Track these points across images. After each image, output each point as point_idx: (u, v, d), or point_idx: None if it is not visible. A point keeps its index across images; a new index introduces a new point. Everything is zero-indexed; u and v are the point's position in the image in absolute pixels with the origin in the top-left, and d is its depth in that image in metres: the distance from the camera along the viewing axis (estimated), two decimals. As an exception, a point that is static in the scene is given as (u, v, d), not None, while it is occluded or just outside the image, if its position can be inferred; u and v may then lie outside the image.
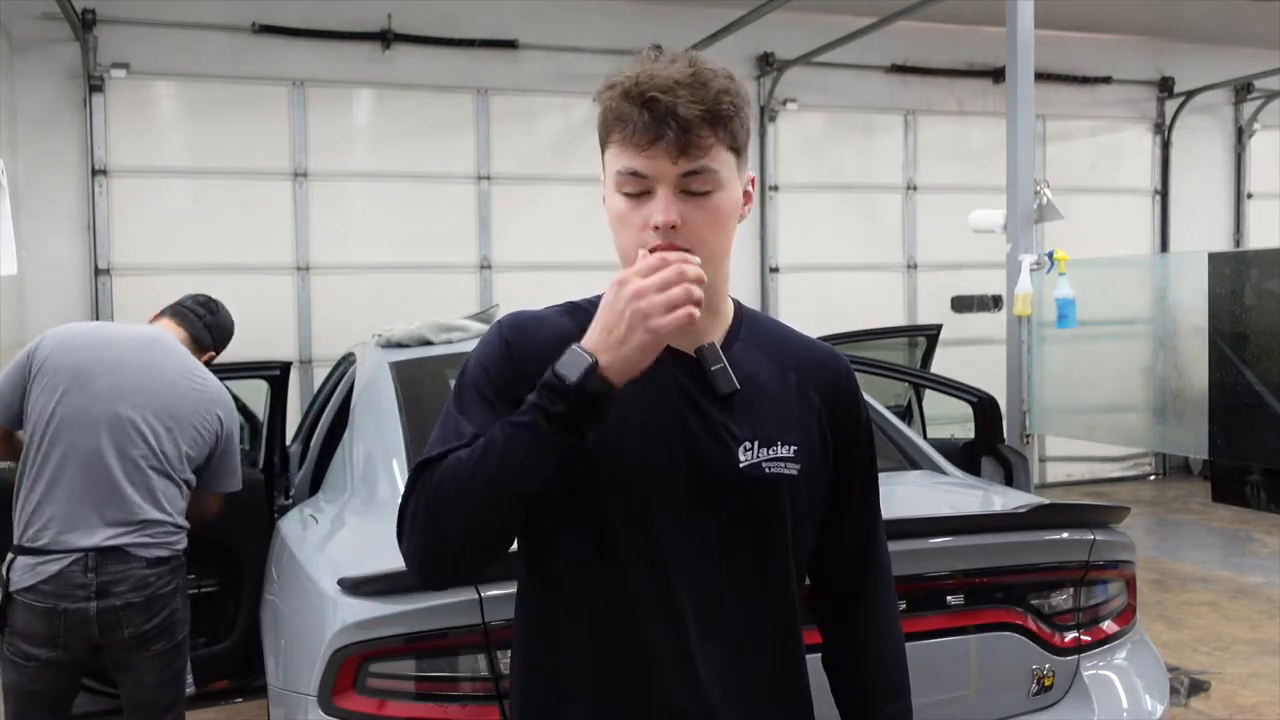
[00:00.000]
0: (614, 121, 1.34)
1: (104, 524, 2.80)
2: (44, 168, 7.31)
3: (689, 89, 1.31)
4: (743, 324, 1.50)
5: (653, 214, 1.33)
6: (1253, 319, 4.76)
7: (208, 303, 3.26)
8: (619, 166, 1.35)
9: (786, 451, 1.42)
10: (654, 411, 1.38)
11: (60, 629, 2.76)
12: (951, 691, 2.40)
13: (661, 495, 1.37)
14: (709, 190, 1.35)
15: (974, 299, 9.50)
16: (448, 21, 8.16)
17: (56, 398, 2.85)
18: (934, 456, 3.29)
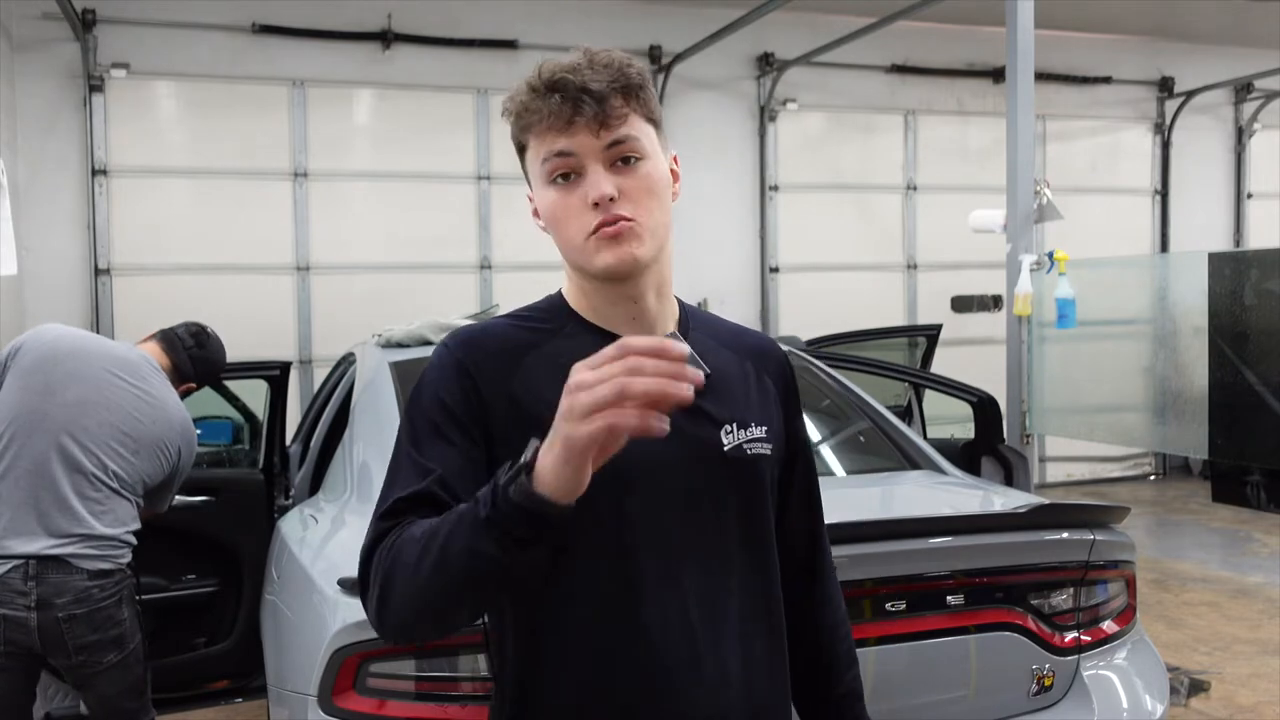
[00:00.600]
0: (528, 117, 1.34)
1: (46, 533, 2.76)
2: (44, 168, 7.31)
3: (590, 68, 1.33)
4: (689, 316, 1.50)
5: (588, 191, 1.33)
6: (1253, 319, 4.76)
7: (198, 334, 3.23)
8: (543, 154, 1.34)
9: (760, 433, 1.44)
10: None
11: (1, 636, 2.73)
12: (951, 691, 2.40)
13: (655, 483, 1.35)
14: (637, 158, 1.36)
15: (974, 299, 9.52)
16: (448, 21, 8.16)
17: (21, 400, 2.83)
18: (934, 456, 3.29)
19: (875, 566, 2.30)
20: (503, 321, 1.45)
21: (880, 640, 2.33)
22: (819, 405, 3.68)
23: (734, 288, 9.00)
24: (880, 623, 2.31)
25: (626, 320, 1.41)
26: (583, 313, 1.43)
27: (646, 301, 1.41)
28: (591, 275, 1.38)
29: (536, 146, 1.35)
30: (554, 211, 1.36)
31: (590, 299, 1.42)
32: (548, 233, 1.41)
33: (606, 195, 1.32)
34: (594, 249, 1.34)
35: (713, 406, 1.41)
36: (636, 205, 1.34)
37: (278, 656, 2.51)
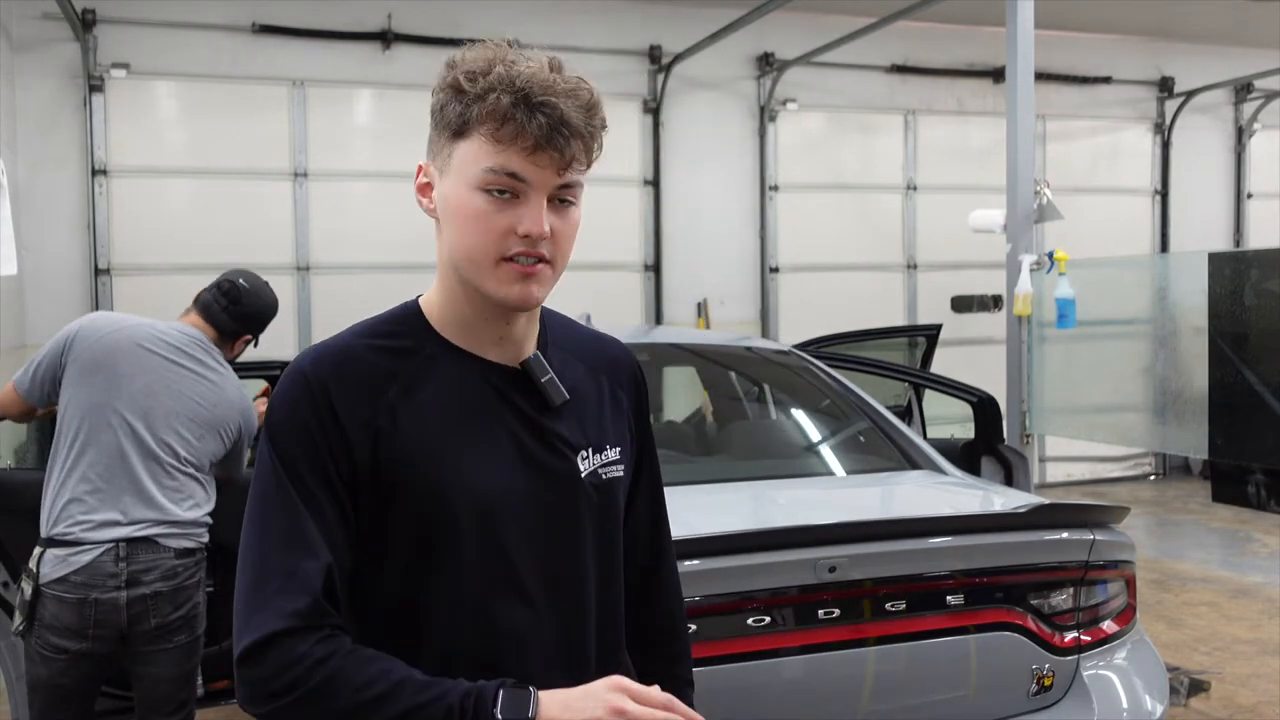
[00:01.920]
0: (493, 117, 1.25)
1: (130, 521, 2.88)
2: (44, 168, 7.31)
3: (574, 98, 1.27)
4: (548, 330, 1.45)
5: (522, 220, 1.26)
6: (1253, 319, 4.75)
7: (230, 290, 3.25)
8: (491, 164, 1.26)
9: (614, 455, 1.43)
10: (492, 435, 1.33)
11: (90, 619, 2.82)
12: (951, 691, 2.40)
13: (514, 516, 1.32)
14: (572, 203, 1.32)
15: (974, 299, 9.50)
16: (448, 21, 8.15)
17: (88, 397, 2.92)
18: (934, 456, 3.29)
19: (875, 566, 2.30)
20: (358, 342, 1.37)
21: (880, 640, 2.33)
22: (819, 405, 3.68)
23: (734, 288, 9.00)
24: (880, 623, 2.31)
25: (493, 341, 1.36)
26: (444, 328, 1.37)
27: (517, 326, 1.37)
28: (482, 296, 1.31)
29: (485, 149, 1.26)
30: (474, 220, 1.28)
31: (456, 311, 1.36)
32: (434, 219, 1.35)
33: (544, 234, 1.27)
34: (502, 277, 1.29)
35: (569, 431, 1.39)
36: (557, 249, 1.31)
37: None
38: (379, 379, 1.31)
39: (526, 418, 1.36)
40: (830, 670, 2.30)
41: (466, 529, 1.29)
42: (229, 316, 3.22)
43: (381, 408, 1.29)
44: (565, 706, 1.18)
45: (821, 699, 2.30)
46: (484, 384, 1.34)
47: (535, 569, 1.34)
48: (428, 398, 1.32)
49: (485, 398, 1.33)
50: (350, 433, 1.27)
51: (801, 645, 2.28)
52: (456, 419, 1.32)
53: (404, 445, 1.28)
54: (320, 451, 1.26)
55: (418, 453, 1.28)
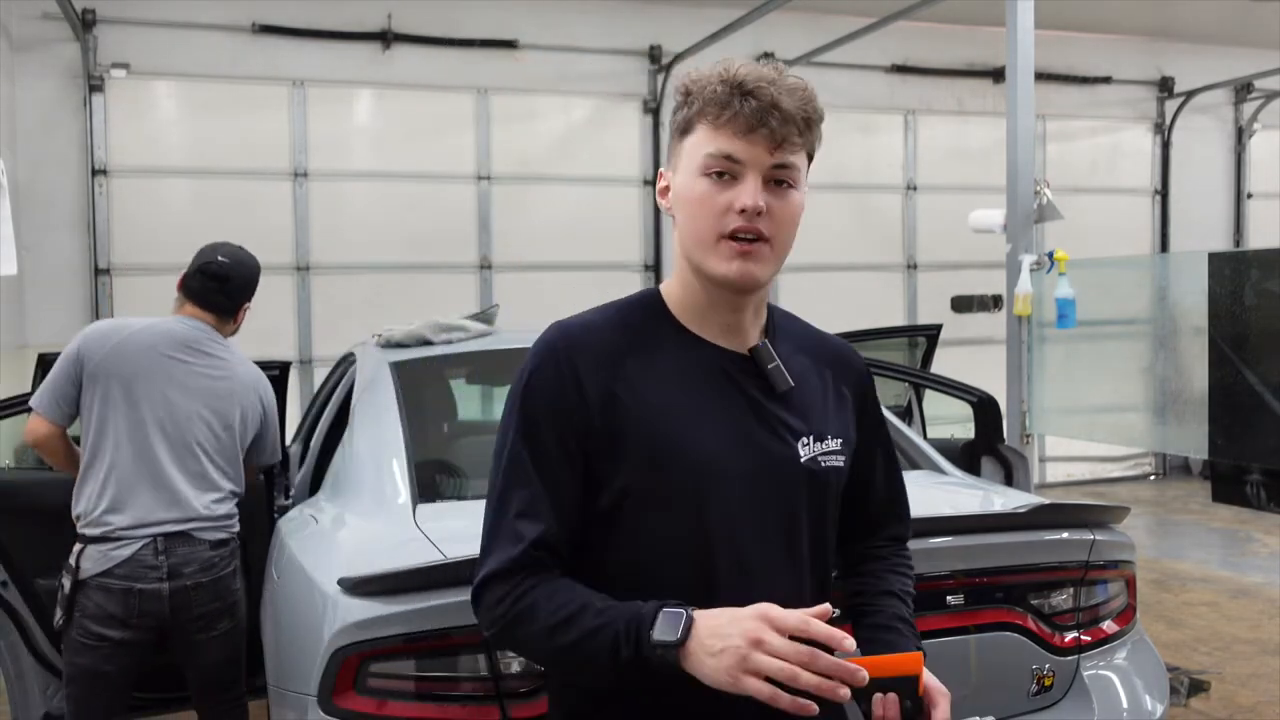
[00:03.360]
0: (710, 106, 1.37)
1: (165, 517, 2.97)
2: (44, 168, 7.32)
3: (787, 89, 1.39)
4: (776, 324, 1.54)
5: (740, 197, 1.36)
6: (1253, 319, 4.75)
7: (216, 272, 3.21)
8: (710, 149, 1.37)
9: (835, 445, 1.49)
10: (718, 411, 1.42)
11: (135, 609, 2.92)
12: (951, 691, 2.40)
13: (730, 492, 1.39)
14: (791, 186, 1.41)
15: (974, 299, 9.48)
16: (448, 21, 8.16)
17: (113, 403, 3.00)
18: (934, 456, 3.29)
19: (875, 566, 2.29)
20: (602, 319, 1.47)
21: (880, 640, 2.32)
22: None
23: (734, 288, 8.99)
24: (880, 623, 2.30)
25: (721, 329, 1.46)
26: (678, 313, 1.47)
27: (744, 314, 1.46)
28: (706, 276, 1.41)
29: (706, 136, 1.38)
30: (698, 201, 1.39)
31: (691, 297, 1.46)
32: (671, 215, 1.46)
33: (757, 206, 1.36)
34: (722, 253, 1.38)
35: (792, 417, 1.45)
36: (776, 228, 1.39)
37: (278, 656, 2.50)
38: (620, 352, 1.42)
39: (753, 401, 1.44)
40: (830, 670, 2.30)
41: (677, 489, 1.37)
42: (224, 296, 3.22)
43: (620, 376, 1.40)
44: (712, 632, 1.24)
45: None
46: (714, 366, 1.43)
47: (748, 539, 1.40)
48: (661, 371, 1.42)
49: (714, 379, 1.42)
50: (590, 399, 1.38)
51: (801, 645, 2.27)
52: (685, 393, 1.41)
53: (635, 410, 1.39)
54: (561, 417, 1.38)
55: (645, 416, 1.39)
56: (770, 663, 1.20)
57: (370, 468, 2.89)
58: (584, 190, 8.41)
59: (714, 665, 1.22)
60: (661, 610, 1.27)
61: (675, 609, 1.27)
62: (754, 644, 1.21)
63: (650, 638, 1.26)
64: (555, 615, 1.32)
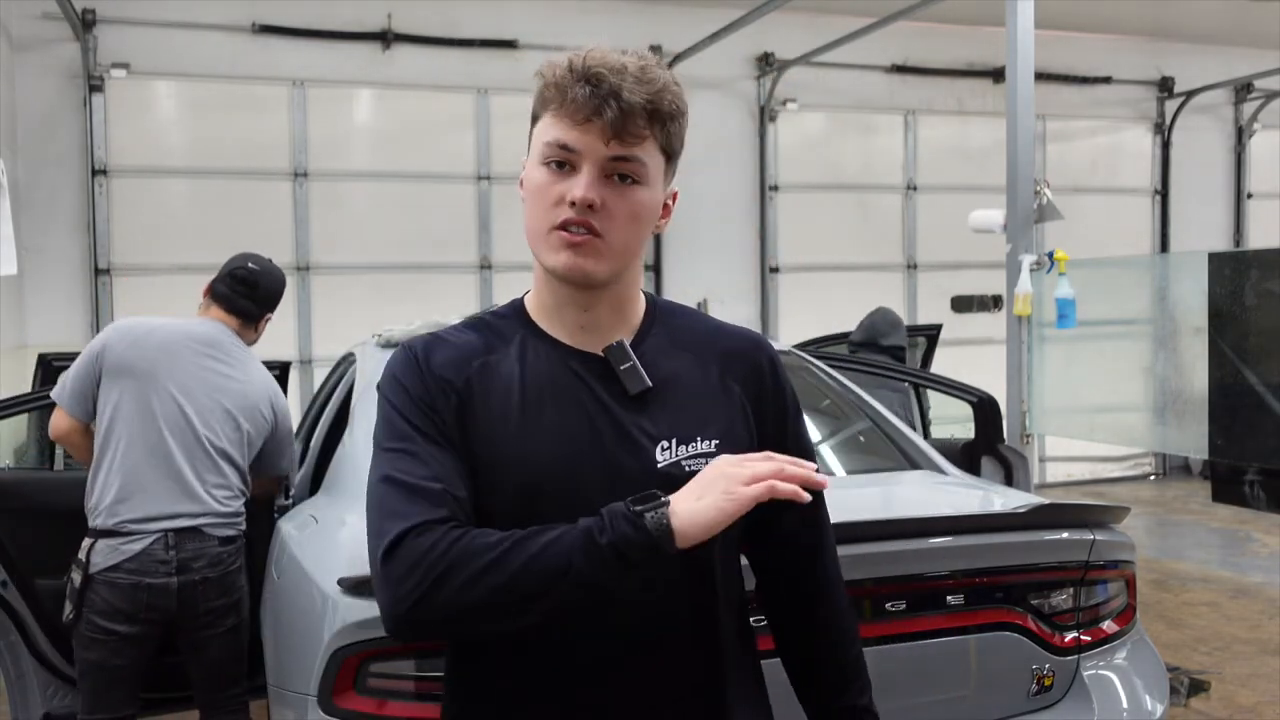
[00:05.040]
0: (552, 92, 1.33)
1: (177, 511, 3.02)
2: (44, 168, 7.32)
3: (636, 77, 1.31)
4: (655, 320, 1.46)
5: (572, 188, 1.32)
6: (1253, 319, 4.75)
7: (246, 278, 3.35)
8: (548, 137, 1.34)
9: (708, 446, 1.37)
10: (564, 417, 1.35)
11: (143, 604, 2.97)
12: (951, 691, 2.40)
13: (578, 503, 1.28)
14: (634, 181, 1.34)
15: (974, 299, 9.51)
16: (448, 21, 8.16)
17: (127, 397, 3.05)
18: (934, 456, 3.28)
19: (875, 566, 2.30)
20: (457, 327, 1.46)
21: (880, 640, 2.32)
22: (819, 405, 3.68)
23: (734, 288, 9.00)
24: (880, 623, 2.31)
25: (575, 327, 1.40)
26: (535, 314, 1.44)
27: (598, 313, 1.40)
28: (543, 265, 1.38)
29: (547, 124, 1.35)
30: (536, 191, 1.36)
31: (544, 297, 1.43)
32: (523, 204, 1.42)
33: (585, 200, 1.31)
34: (553, 244, 1.34)
35: (650, 420, 1.36)
36: (612, 224, 1.33)
37: (278, 656, 2.50)
38: (468, 354, 1.39)
39: (602, 404, 1.36)
40: (830, 670, 2.30)
41: (511, 500, 1.32)
42: (251, 303, 3.34)
43: (469, 377, 1.36)
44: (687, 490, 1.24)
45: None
46: (564, 368, 1.38)
47: None
48: (507, 374, 1.38)
49: (564, 381, 1.37)
50: (448, 395, 1.35)
51: (801, 645, 2.28)
52: (530, 397, 1.36)
53: (476, 413, 1.35)
54: (421, 403, 1.34)
55: (484, 421, 1.35)
56: (748, 469, 1.24)
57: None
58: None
59: (706, 504, 1.22)
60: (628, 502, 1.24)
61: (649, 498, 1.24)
62: (735, 465, 1.25)
63: (631, 509, 1.21)
64: (502, 544, 1.22)
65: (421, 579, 1.22)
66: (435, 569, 1.22)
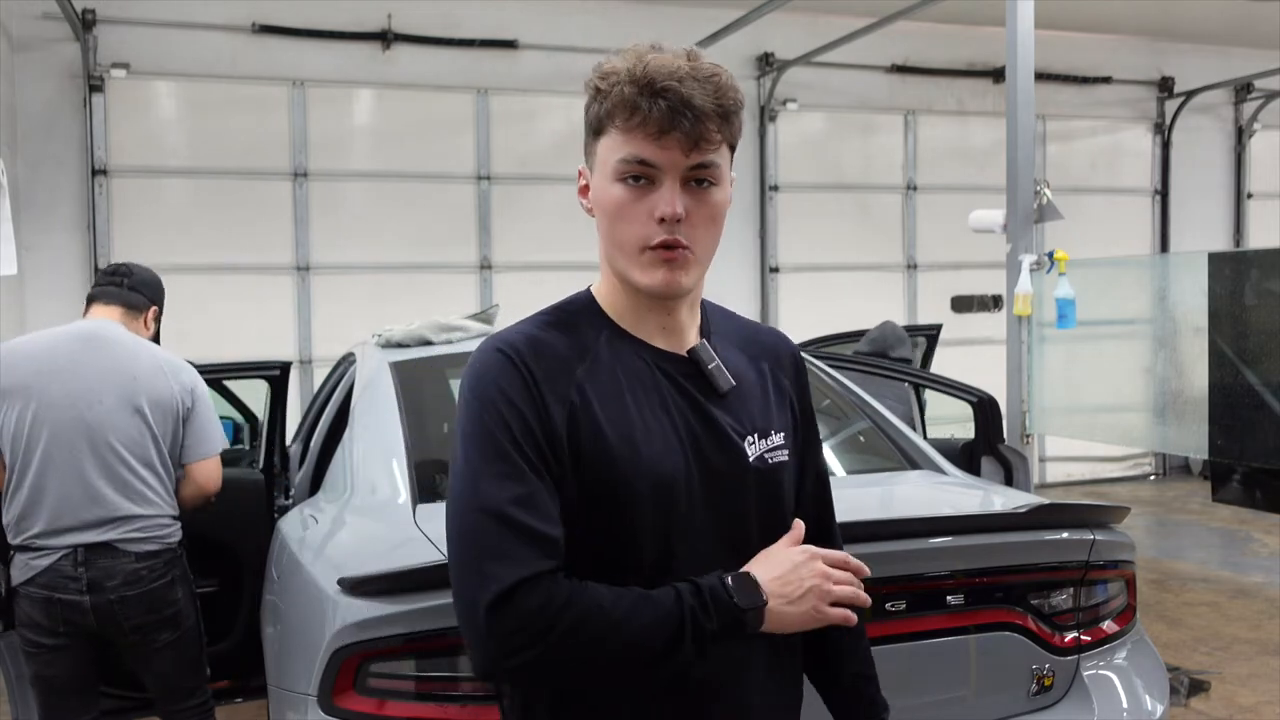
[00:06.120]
0: (620, 108, 1.31)
1: (88, 525, 2.88)
2: (44, 168, 7.32)
3: (699, 82, 1.30)
4: (709, 317, 1.50)
5: (658, 205, 1.31)
6: (1253, 319, 4.75)
7: (117, 269, 3.21)
8: (623, 154, 1.32)
9: (779, 440, 1.46)
10: (665, 419, 1.37)
11: (59, 618, 2.87)
12: (951, 691, 2.40)
13: (683, 505, 1.35)
14: (711, 183, 1.34)
15: (974, 299, 9.51)
16: (448, 21, 8.16)
17: (18, 415, 2.90)
18: (934, 456, 3.28)
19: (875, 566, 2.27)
20: (542, 326, 1.40)
21: (880, 640, 2.32)
22: (819, 405, 3.68)
23: (734, 288, 9.00)
24: (880, 623, 2.31)
25: (657, 329, 1.41)
26: (614, 316, 1.42)
27: (679, 315, 1.42)
28: (631, 284, 1.37)
29: (618, 140, 1.32)
30: (616, 210, 1.34)
31: (623, 302, 1.41)
32: (592, 215, 1.41)
33: (677, 215, 1.31)
34: (646, 263, 1.34)
35: (736, 417, 1.42)
36: (697, 231, 1.34)
37: (278, 656, 2.50)
38: (570, 360, 1.35)
39: (696, 403, 1.39)
40: (830, 670, 2.30)
41: (643, 501, 1.33)
42: (129, 289, 3.16)
43: (574, 385, 1.33)
44: (782, 583, 1.32)
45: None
46: (655, 370, 1.39)
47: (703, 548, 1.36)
48: (609, 379, 1.36)
49: (657, 382, 1.38)
50: (552, 407, 1.31)
51: (801, 645, 2.28)
52: (634, 402, 1.36)
53: (590, 422, 1.32)
54: (531, 424, 1.30)
55: (600, 429, 1.33)
56: (841, 591, 1.35)
57: (370, 468, 2.89)
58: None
59: (797, 611, 1.32)
60: (725, 578, 1.30)
61: (731, 575, 1.31)
62: (825, 578, 1.34)
63: (734, 603, 1.28)
64: (615, 610, 1.24)
65: (533, 639, 1.22)
66: (550, 632, 1.22)
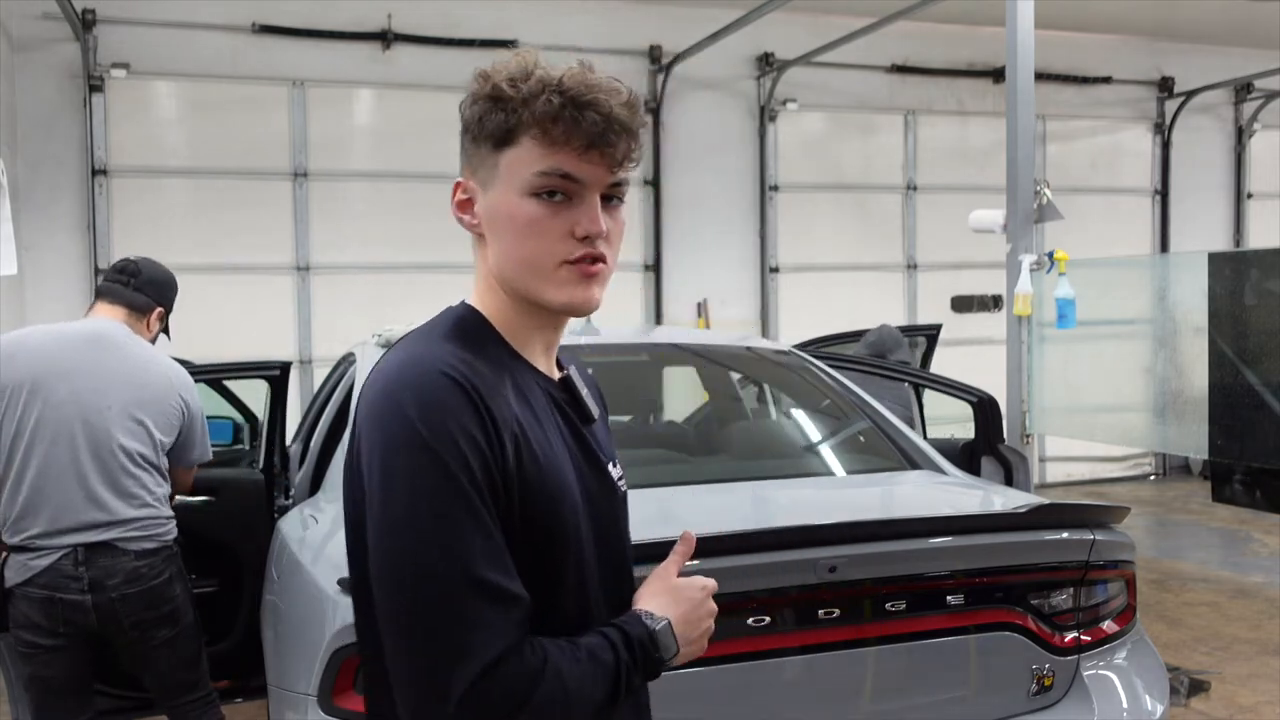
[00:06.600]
0: (544, 119, 1.23)
1: (86, 525, 2.87)
2: (44, 168, 7.32)
3: (617, 95, 1.25)
4: None
5: (580, 221, 1.24)
6: (1253, 319, 4.75)
7: (125, 267, 3.20)
8: (543, 168, 1.24)
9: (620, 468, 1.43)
10: (558, 442, 1.30)
11: (59, 618, 2.85)
12: (951, 691, 2.40)
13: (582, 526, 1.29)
14: (619, 202, 1.30)
15: (974, 299, 9.51)
16: (448, 21, 8.16)
17: (20, 412, 2.89)
18: (934, 456, 3.29)
19: (875, 566, 2.30)
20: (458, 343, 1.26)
21: (880, 640, 2.33)
22: (819, 405, 3.68)
23: (734, 288, 9.01)
24: (880, 623, 2.31)
25: (542, 351, 1.35)
26: (509, 337, 1.32)
27: (560, 334, 1.37)
28: (541, 303, 1.28)
29: (536, 152, 1.24)
30: (528, 225, 1.25)
31: (514, 321, 1.31)
32: (474, 231, 1.32)
33: (602, 232, 1.25)
34: (564, 280, 1.26)
35: (599, 444, 1.38)
36: (610, 249, 1.29)
37: (278, 656, 2.51)
38: (498, 382, 1.24)
39: (575, 428, 1.35)
40: (830, 670, 2.30)
41: (572, 532, 1.27)
42: (135, 290, 3.15)
43: (511, 411, 1.23)
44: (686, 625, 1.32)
45: (821, 699, 2.30)
46: (544, 393, 1.32)
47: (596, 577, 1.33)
48: (525, 401, 1.28)
49: (547, 406, 1.31)
50: (504, 439, 1.20)
51: (801, 645, 2.28)
52: (546, 428, 1.29)
53: (531, 449, 1.23)
54: (486, 456, 1.17)
55: (539, 455, 1.24)
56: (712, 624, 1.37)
57: (370, 468, 2.88)
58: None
59: (691, 651, 1.33)
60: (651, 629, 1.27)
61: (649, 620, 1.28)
62: (713, 616, 1.36)
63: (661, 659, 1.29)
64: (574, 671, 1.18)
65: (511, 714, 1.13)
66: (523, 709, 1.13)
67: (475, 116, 1.30)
